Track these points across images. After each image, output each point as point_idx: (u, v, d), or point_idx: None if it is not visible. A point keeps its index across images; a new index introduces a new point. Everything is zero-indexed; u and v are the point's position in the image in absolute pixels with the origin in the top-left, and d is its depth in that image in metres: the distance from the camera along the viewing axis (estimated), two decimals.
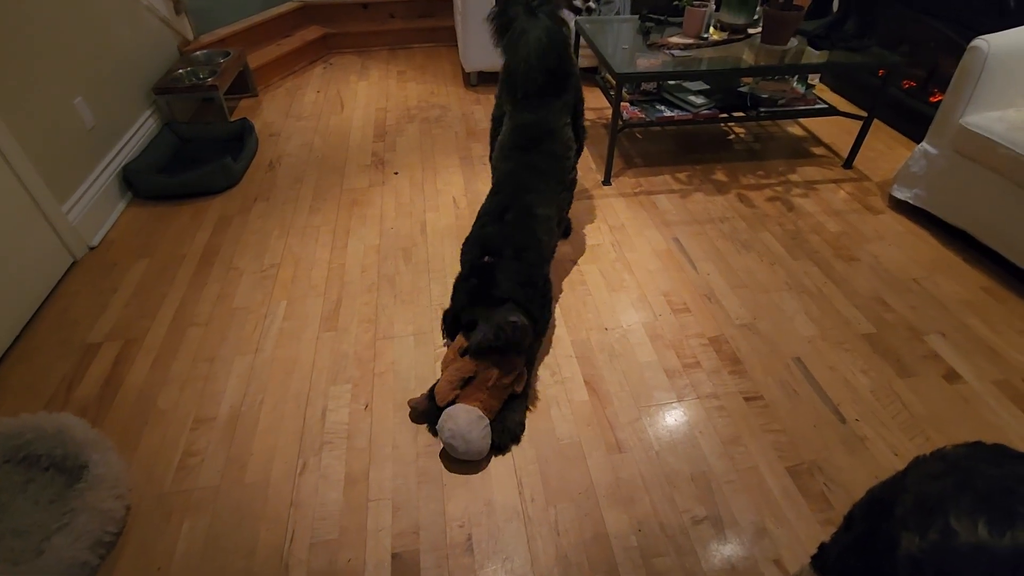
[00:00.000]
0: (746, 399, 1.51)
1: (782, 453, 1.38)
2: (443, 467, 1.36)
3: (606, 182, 2.42)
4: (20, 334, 1.72)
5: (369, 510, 1.27)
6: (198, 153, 2.57)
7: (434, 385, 1.43)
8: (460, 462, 1.37)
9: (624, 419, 1.46)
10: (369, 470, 1.35)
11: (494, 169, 1.71)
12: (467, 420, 1.32)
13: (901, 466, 1.35)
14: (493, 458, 1.37)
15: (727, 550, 1.20)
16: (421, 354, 1.65)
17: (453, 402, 1.37)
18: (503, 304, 1.40)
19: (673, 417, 1.47)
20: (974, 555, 0.61)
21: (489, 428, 1.37)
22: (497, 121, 1.82)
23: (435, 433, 1.41)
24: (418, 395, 1.49)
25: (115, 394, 1.54)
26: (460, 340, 1.46)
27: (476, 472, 1.35)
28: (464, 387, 1.38)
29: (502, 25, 1.61)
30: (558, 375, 1.58)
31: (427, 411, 1.43)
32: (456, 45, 3.95)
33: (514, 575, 1.16)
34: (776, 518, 1.25)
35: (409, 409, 1.49)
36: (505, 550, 1.20)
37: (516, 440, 1.41)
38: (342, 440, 1.42)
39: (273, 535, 1.23)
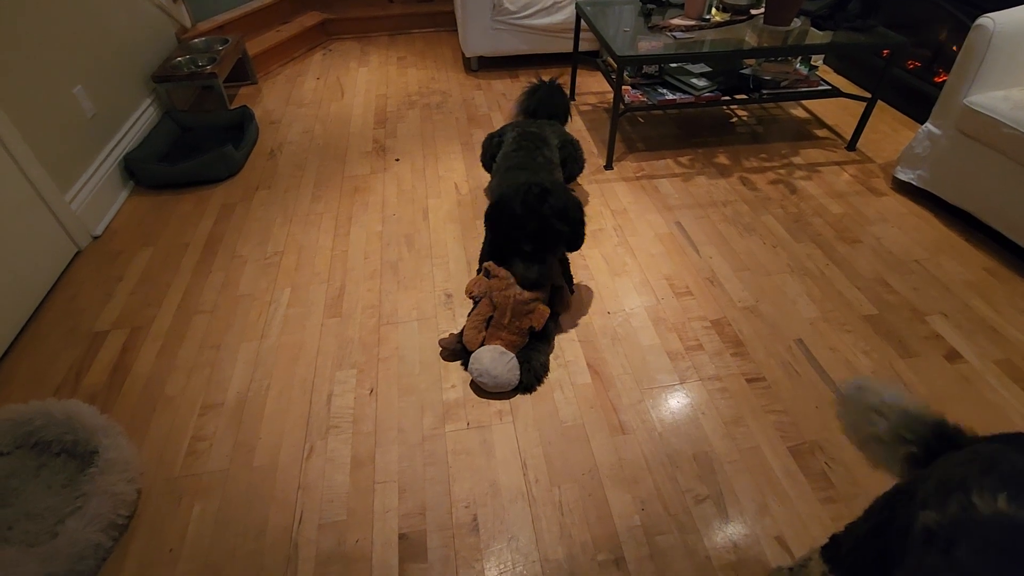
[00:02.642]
0: (748, 380, 1.52)
1: (784, 433, 1.39)
2: (448, 449, 1.38)
3: (608, 166, 2.41)
4: (27, 323, 1.74)
5: (376, 492, 1.29)
6: (199, 141, 2.56)
7: (463, 329, 1.58)
8: (492, 393, 1.51)
9: (627, 401, 1.47)
10: (375, 453, 1.37)
11: (503, 168, 1.85)
12: (491, 358, 1.47)
13: None
14: (497, 441, 1.39)
15: (729, 528, 1.21)
16: (425, 339, 1.66)
17: (482, 343, 1.54)
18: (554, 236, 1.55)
19: (676, 399, 1.48)
20: (990, 522, 0.61)
21: (515, 361, 1.49)
22: (496, 145, 2.03)
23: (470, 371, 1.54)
24: (444, 343, 1.60)
25: (123, 381, 1.56)
26: (482, 281, 1.61)
27: (485, 448, 1.36)
28: (487, 328, 1.56)
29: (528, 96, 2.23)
30: (561, 358, 1.59)
31: (456, 351, 1.58)
32: (456, 30, 3.91)
33: (519, 554, 1.18)
34: (778, 496, 1.27)
35: (440, 349, 1.62)
36: (510, 529, 1.22)
37: (540, 380, 1.52)
38: (348, 424, 1.44)
39: (282, 517, 1.26)
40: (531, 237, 1.52)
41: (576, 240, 1.60)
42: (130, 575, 1.16)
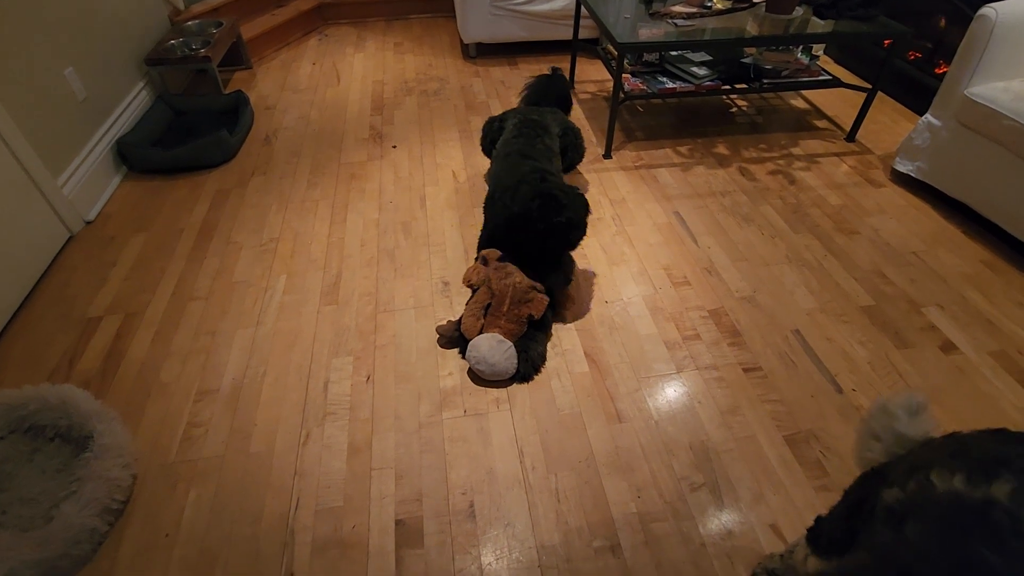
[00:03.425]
0: (745, 370, 1.52)
1: (780, 422, 1.40)
2: (445, 437, 1.38)
3: (606, 155, 2.40)
4: (19, 309, 1.72)
5: (372, 478, 1.29)
6: (193, 126, 2.53)
7: (460, 316, 1.58)
8: (489, 381, 1.51)
9: (624, 390, 1.48)
10: (372, 440, 1.37)
11: (502, 154, 1.83)
12: (488, 347, 1.46)
13: None
14: (494, 428, 1.39)
15: (724, 515, 1.22)
16: (422, 327, 1.65)
17: (480, 331, 1.54)
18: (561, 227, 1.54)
19: (672, 388, 1.48)
20: (942, 500, 0.62)
21: (513, 350, 1.49)
22: (497, 131, 2.03)
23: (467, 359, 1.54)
24: (441, 331, 1.60)
25: (117, 367, 1.55)
26: (480, 271, 1.61)
27: (482, 435, 1.36)
28: (486, 315, 1.55)
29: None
30: (558, 347, 1.59)
31: (453, 338, 1.58)
32: (454, 16, 3.87)
33: (516, 540, 1.18)
34: (773, 485, 1.27)
35: (438, 336, 1.62)
36: (507, 516, 1.22)
37: (537, 370, 1.52)
38: (344, 411, 1.44)
39: (278, 503, 1.25)
40: (538, 240, 1.54)
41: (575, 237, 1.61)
42: (126, 560, 1.16)
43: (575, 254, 1.89)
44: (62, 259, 1.91)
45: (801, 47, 2.62)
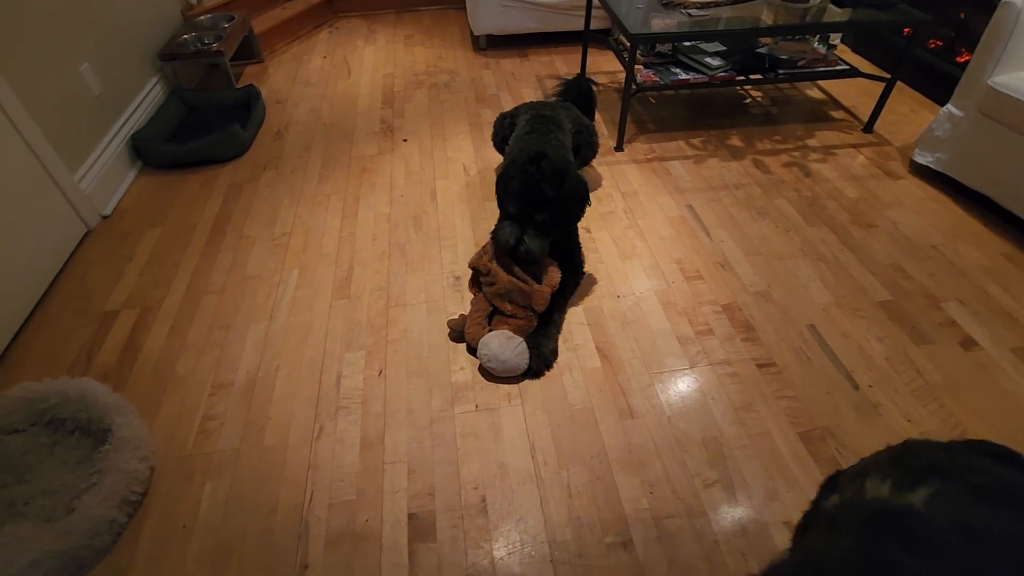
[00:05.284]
0: (759, 366, 1.51)
1: (794, 419, 1.38)
2: (456, 431, 1.38)
3: (618, 148, 2.38)
4: (39, 303, 1.75)
5: (385, 472, 1.30)
6: (205, 120, 2.54)
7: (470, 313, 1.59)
8: (501, 377, 1.50)
9: (636, 385, 1.47)
10: (384, 434, 1.38)
11: (515, 150, 1.80)
12: (499, 344, 1.46)
13: (914, 432, 1.36)
14: (505, 424, 1.39)
15: (737, 512, 1.21)
16: (433, 321, 1.65)
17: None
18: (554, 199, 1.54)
19: (685, 383, 1.47)
20: (868, 506, 0.63)
21: (524, 346, 1.48)
22: (508, 127, 2.01)
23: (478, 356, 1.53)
24: (452, 325, 1.61)
25: (134, 361, 1.57)
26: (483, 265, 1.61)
27: (493, 430, 1.37)
28: (491, 321, 1.56)
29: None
30: (570, 342, 1.59)
31: (463, 334, 1.57)
32: (464, 8, 3.84)
33: (528, 535, 1.19)
34: (787, 482, 1.26)
35: (448, 330, 1.63)
36: (519, 511, 1.23)
37: (549, 366, 1.52)
38: (357, 405, 1.44)
39: (293, 496, 1.27)
40: (515, 197, 1.52)
41: (569, 211, 1.59)
42: (144, 551, 1.18)
43: (586, 248, 1.88)
44: (79, 254, 1.93)
45: (818, 36, 2.57)
